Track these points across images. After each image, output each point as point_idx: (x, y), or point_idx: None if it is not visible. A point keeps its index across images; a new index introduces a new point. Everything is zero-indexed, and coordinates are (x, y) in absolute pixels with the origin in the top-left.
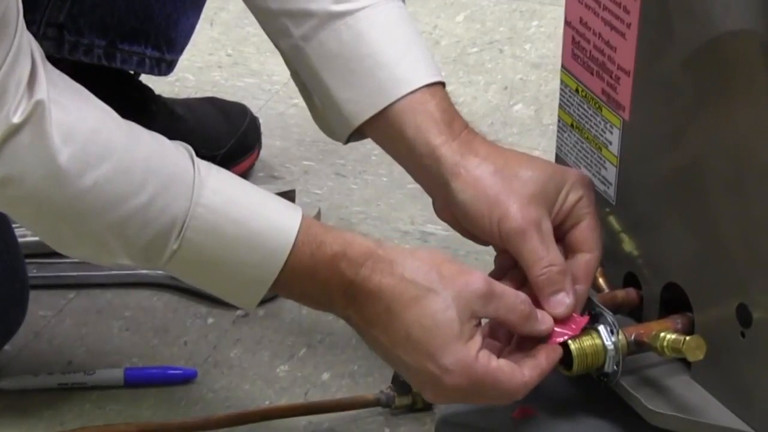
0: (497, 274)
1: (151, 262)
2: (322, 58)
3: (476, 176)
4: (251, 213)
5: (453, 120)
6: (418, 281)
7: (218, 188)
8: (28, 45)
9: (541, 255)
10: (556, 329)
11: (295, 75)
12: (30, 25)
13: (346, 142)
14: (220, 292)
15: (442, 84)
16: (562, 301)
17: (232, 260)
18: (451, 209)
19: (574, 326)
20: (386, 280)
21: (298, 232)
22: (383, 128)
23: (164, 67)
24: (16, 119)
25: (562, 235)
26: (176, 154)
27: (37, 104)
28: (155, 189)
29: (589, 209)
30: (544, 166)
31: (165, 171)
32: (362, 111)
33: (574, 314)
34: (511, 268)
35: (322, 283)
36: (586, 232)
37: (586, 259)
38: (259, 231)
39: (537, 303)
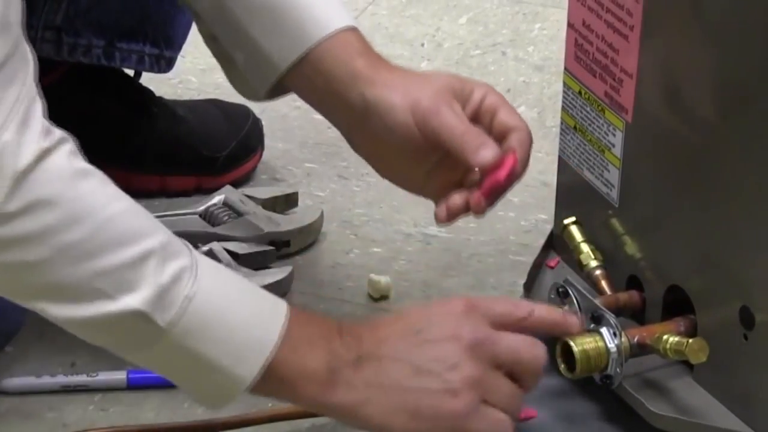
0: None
1: (165, 310)
2: (246, 11)
3: (389, 81)
4: (245, 281)
5: (371, 51)
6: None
7: (207, 258)
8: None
9: (456, 122)
10: (490, 176)
11: (211, 40)
12: (28, 29)
13: (266, 98)
14: (219, 363)
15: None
16: (487, 148)
17: (237, 315)
18: (368, 125)
19: (505, 165)
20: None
21: (288, 305)
22: (305, 71)
23: (164, 64)
24: (46, 143)
25: (484, 128)
26: None
27: (64, 137)
28: (166, 234)
29: (500, 101)
30: (452, 74)
31: (165, 227)
32: (288, 55)
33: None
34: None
35: (324, 325)
36: (505, 115)
37: (517, 135)
38: (257, 291)
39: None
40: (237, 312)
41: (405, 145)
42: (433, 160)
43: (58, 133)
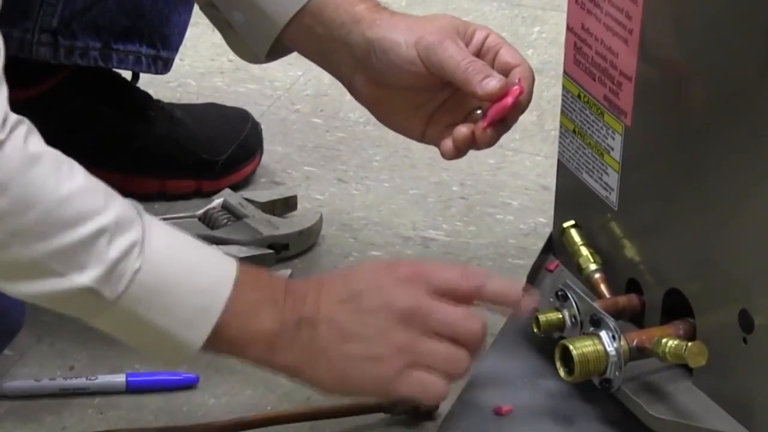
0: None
1: (113, 285)
2: None
3: (392, 22)
4: (196, 246)
5: None
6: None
7: (161, 224)
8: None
9: (462, 55)
10: (496, 104)
11: (208, 7)
12: (24, 33)
13: (266, 59)
14: (167, 330)
15: None
16: (492, 79)
17: (184, 285)
18: (371, 64)
19: (512, 93)
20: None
21: (238, 267)
22: (306, 21)
23: (161, 65)
24: (1, 135)
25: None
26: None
27: (18, 121)
28: (117, 210)
29: (502, 41)
30: (454, 16)
31: (120, 199)
32: (288, 8)
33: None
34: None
35: (271, 288)
36: (508, 54)
37: (520, 70)
38: (207, 258)
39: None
40: (185, 280)
41: (408, 84)
42: (435, 103)
43: (12, 120)
